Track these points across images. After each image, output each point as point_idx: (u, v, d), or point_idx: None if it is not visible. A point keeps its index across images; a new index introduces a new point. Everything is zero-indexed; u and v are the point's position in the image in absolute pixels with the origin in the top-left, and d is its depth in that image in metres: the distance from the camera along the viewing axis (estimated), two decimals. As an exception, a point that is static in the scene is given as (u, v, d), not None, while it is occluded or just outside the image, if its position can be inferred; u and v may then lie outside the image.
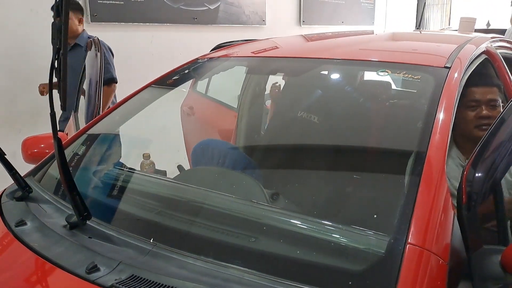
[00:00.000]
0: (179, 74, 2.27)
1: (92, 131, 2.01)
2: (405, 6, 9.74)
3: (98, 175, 1.83)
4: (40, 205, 1.59)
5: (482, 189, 1.26)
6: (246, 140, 2.82)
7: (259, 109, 2.98)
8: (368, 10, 8.60)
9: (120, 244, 1.33)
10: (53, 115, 1.28)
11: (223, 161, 2.09)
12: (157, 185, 1.80)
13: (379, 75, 1.83)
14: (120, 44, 4.41)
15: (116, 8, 4.47)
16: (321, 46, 2.51)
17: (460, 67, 1.68)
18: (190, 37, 4.64)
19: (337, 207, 1.67)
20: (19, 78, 3.87)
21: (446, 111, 1.45)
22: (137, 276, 1.17)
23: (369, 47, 2.31)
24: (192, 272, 1.18)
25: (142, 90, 2.17)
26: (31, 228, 1.45)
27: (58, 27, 1.19)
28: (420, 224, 1.15)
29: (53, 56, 1.23)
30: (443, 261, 1.12)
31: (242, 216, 1.49)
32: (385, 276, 1.10)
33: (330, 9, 7.51)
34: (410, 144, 1.47)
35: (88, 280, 1.17)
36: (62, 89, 1.20)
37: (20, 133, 3.69)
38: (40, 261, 1.30)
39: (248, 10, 5.93)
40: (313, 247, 1.28)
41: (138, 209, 1.59)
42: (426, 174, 1.26)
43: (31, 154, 2.14)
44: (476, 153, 1.29)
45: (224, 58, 2.37)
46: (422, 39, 2.74)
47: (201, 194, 1.65)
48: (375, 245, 1.21)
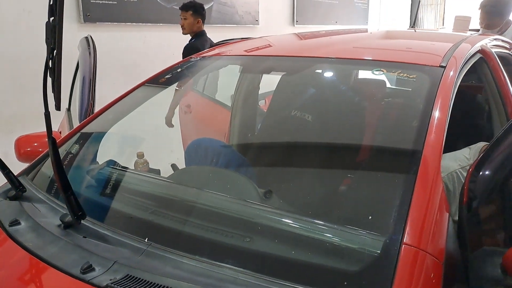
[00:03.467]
0: (172, 73, 2.26)
1: (85, 130, 2.00)
2: (399, 6, 9.76)
3: (92, 174, 1.82)
4: (34, 205, 1.58)
5: (486, 189, 1.25)
6: (239, 138, 2.82)
7: (253, 108, 2.98)
8: (362, 10, 8.62)
9: (114, 243, 1.33)
10: (48, 114, 1.27)
11: (217, 159, 2.08)
12: (151, 184, 1.80)
13: (374, 74, 1.83)
14: (113, 44, 4.40)
15: (109, 8, 4.46)
16: (315, 45, 2.51)
17: (456, 66, 1.68)
18: (183, 37, 4.63)
19: (332, 207, 1.67)
20: (11, 78, 3.85)
21: (441, 110, 1.45)
22: (132, 276, 1.17)
23: (364, 46, 2.31)
24: (187, 272, 1.18)
25: (135, 88, 2.17)
26: (25, 228, 1.44)
27: (52, 26, 1.18)
28: (416, 224, 1.15)
29: (47, 56, 1.22)
30: (438, 261, 1.12)
31: (236, 215, 1.49)
32: (380, 276, 1.10)
33: (323, 9, 7.52)
34: (406, 143, 1.48)
35: (83, 280, 1.17)
36: (56, 88, 1.19)
37: (12, 134, 3.67)
38: (35, 261, 1.29)
39: (242, 10, 5.93)
40: (308, 247, 1.28)
41: (132, 208, 1.59)
42: (422, 174, 1.26)
43: (24, 153, 2.13)
44: (483, 154, 1.29)
45: (217, 57, 2.36)
46: (417, 37, 2.75)
47: (195, 193, 1.65)
48: (371, 245, 1.21)
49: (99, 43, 3.69)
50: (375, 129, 1.97)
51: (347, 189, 1.76)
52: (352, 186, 1.73)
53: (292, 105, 2.26)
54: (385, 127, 1.95)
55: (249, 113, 2.92)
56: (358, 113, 2.09)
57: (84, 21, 4.26)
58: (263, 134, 2.66)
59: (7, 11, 3.74)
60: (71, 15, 4.16)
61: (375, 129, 1.97)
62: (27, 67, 3.81)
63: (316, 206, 1.67)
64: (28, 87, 3.77)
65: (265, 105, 3.43)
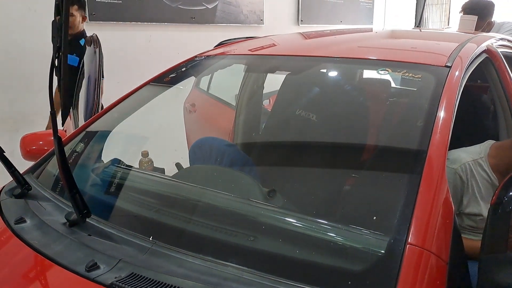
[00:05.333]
0: (177, 72, 2.26)
1: (91, 128, 2.00)
2: (404, 6, 9.73)
3: (97, 173, 1.83)
4: (39, 203, 1.59)
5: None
6: (244, 138, 2.82)
7: (257, 107, 2.98)
8: (367, 10, 8.60)
9: (119, 242, 1.33)
10: (54, 113, 1.27)
11: (221, 159, 2.09)
12: (156, 183, 1.80)
13: (379, 73, 1.82)
14: (118, 43, 4.41)
15: (114, 7, 4.47)
16: (320, 44, 2.50)
17: (461, 66, 1.67)
18: (188, 37, 4.63)
19: (337, 206, 1.67)
20: (17, 77, 3.86)
21: (446, 110, 1.44)
22: (137, 274, 1.17)
23: (369, 45, 2.30)
24: (191, 271, 1.18)
25: (140, 88, 2.17)
26: (31, 226, 1.44)
27: (58, 25, 1.18)
28: (420, 224, 1.15)
29: (53, 55, 1.22)
30: (443, 262, 1.12)
31: (241, 214, 1.49)
32: (385, 276, 1.10)
33: (328, 9, 7.50)
34: (411, 143, 1.47)
35: (88, 278, 1.17)
36: (62, 87, 1.20)
37: (18, 132, 3.68)
38: (40, 258, 1.29)
39: (246, 9, 5.92)
40: (313, 247, 1.28)
41: (137, 207, 1.59)
42: (427, 174, 1.25)
43: (30, 151, 2.13)
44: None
45: (222, 56, 2.36)
46: (422, 37, 2.74)
47: (199, 192, 1.65)
48: (375, 245, 1.21)
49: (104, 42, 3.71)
50: (380, 129, 1.96)
51: (351, 188, 1.76)
52: (357, 186, 1.72)
53: (296, 104, 2.25)
54: (390, 127, 1.94)
55: (254, 112, 2.92)
56: (363, 113, 2.09)
57: (89, 20, 4.27)
58: (268, 134, 2.66)
59: (13, 9, 3.75)
60: (77, 14, 4.17)
61: (380, 129, 1.96)
62: (33, 65, 3.81)
63: (320, 205, 1.67)
64: (33, 86, 3.77)
65: (269, 105, 3.43)
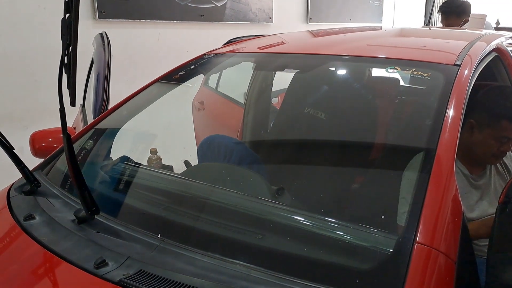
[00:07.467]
0: (186, 70, 2.27)
1: (100, 126, 2.01)
2: (414, 4, 9.69)
3: (106, 170, 1.83)
4: (48, 199, 1.59)
5: None
6: (252, 136, 2.82)
7: (266, 105, 2.97)
8: (376, 8, 8.57)
9: (128, 239, 1.34)
10: (63, 110, 1.28)
11: (230, 156, 2.09)
12: (164, 180, 1.80)
13: (388, 72, 1.82)
14: (127, 41, 4.41)
15: (123, 5, 4.47)
16: (329, 42, 2.50)
17: (471, 65, 1.66)
18: (197, 35, 4.62)
19: (345, 205, 1.67)
20: (27, 74, 3.87)
21: (456, 109, 1.43)
22: (145, 271, 1.17)
23: (377, 44, 2.29)
24: (199, 268, 1.19)
25: (149, 85, 2.17)
26: (40, 222, 1.45)
27: (67, 23, 1.19)
28: (429, 223, 1.14)
29: (63, 52, 1.23)
30: (451, 260, 1.11)
31: (249, 212, 1.49)
32: (392, 275, 1.09)
33: (337, 7, 7.48)
34: (419, 142, 1.47)
35: (96, 275, 1.18)
36: (71, 85, 1.20)
37: (27, 130, 3.70)
38: (49, 255, 1.30)
39: (255, 7, 5.91)
40: (321, 245, 1.28)
41: (145, 204, 1.60)
42: (435, 173, 1.25)
43: (39, 148, 2.15)
44: None
45: (231, 54, 2.36)
46: (431, 35, 2.72)
47: (207, 190, 1.65)
48: (383, 243, 1.21)
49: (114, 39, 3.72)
50: (388, 128, 1.96)
51: (360, 187, 1.76)
52: (365, 184, 1.72)
53: (305, 102, 2.25)
54: (398, 125, 1.93)
55: (262, 110, 2.92)
56: (372, 111, 2.08)
57: (99, 17, 4.27)
58: (276, 132, 2.66)
59: (22, 7, 3.76)
60: (86, 12, 4.18)
61: (388, 128, 1.96)
62: (42, 63, 3.83)
63: (328, 204, 1.67)
64: (43, 83, 3.78)
65: (278, 103, 3.43)
